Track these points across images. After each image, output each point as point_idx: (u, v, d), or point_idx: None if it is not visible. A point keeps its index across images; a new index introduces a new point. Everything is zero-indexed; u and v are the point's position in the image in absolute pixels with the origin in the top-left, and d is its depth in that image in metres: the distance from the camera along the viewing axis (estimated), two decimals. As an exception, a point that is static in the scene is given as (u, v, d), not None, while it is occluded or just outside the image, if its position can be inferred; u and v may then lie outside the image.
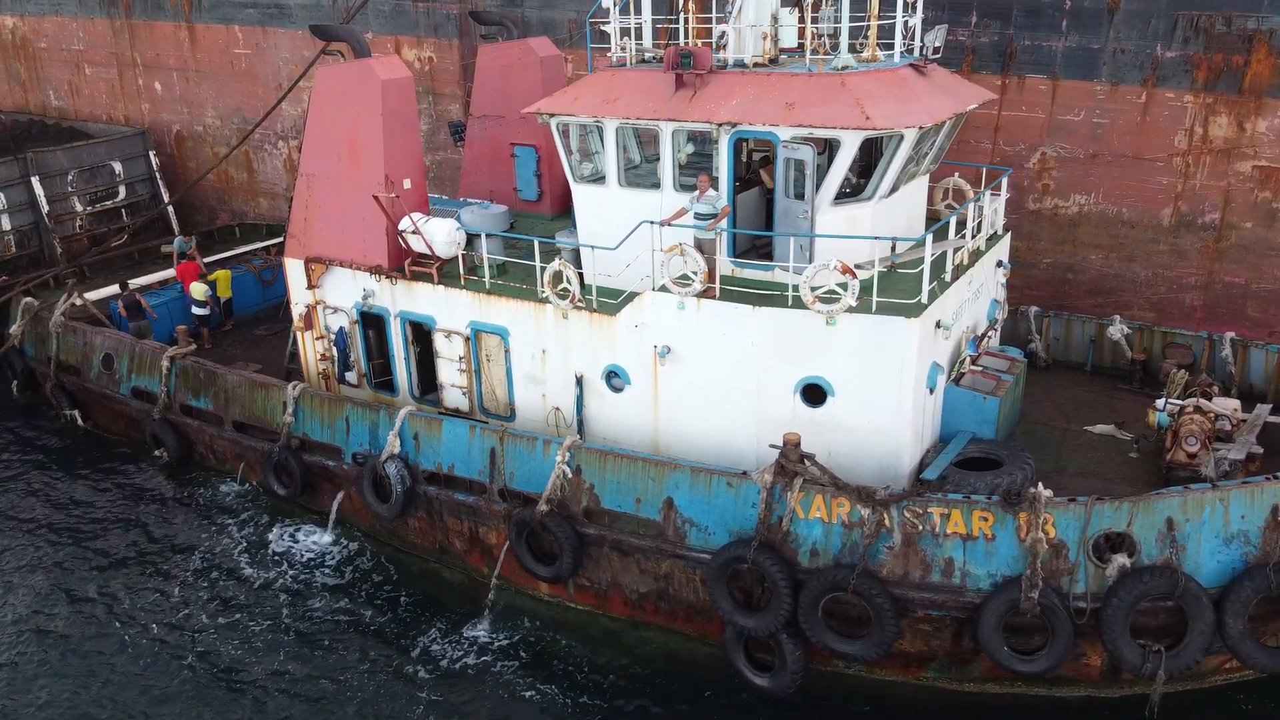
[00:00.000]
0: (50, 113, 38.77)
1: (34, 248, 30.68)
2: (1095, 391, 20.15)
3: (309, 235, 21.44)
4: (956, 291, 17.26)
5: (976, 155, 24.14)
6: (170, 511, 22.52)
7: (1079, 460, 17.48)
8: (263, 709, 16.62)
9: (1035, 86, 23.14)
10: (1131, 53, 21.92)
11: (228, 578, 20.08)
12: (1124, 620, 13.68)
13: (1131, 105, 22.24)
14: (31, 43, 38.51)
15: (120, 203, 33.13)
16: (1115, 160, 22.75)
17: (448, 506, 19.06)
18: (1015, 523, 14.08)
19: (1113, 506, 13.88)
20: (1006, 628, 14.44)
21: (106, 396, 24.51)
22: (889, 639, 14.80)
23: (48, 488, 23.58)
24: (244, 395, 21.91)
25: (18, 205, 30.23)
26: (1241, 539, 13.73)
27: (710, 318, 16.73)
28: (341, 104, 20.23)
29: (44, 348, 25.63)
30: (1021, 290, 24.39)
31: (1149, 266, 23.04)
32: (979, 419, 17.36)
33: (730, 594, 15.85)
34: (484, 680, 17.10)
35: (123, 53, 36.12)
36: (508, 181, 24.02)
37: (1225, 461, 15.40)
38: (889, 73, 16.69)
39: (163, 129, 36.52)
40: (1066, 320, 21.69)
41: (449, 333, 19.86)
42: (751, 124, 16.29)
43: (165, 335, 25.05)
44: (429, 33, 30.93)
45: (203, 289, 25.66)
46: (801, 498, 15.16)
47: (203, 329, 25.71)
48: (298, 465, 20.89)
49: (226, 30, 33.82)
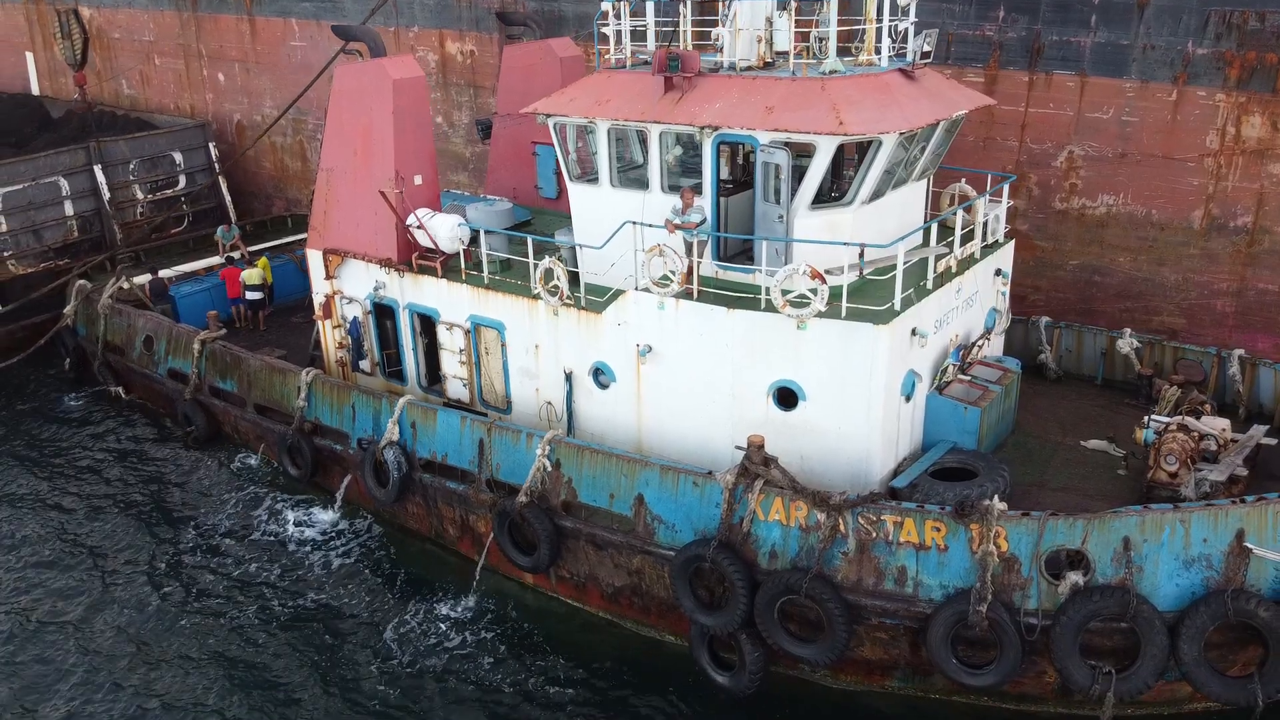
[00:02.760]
0: (122, 101, 40.82)
1: (95, 233, 32.45)
2: (1100, 406, 19.61)
3: (327, 228, 22.29)
4: (939, 299, 17.04)
5: (1003, 154, 23.66)
6: (190, 485, 23.72)
7: (1063, 475, 17.11)
8: (232, 665, 17.78)
9: (1063, 83, 22.53)
10: (1162, 49, 21.18)
11: (233, 548, 21.11)
12: (1073, 639, 13.42)
13: (1161, 104, 21.50)
14: (106, 33, 40.59)
15: (180, 191, 34.77)
16: (1145, 160, 22.02)
17: (441, 494, 19.68)
18: (968, 534, 13.93)
19: (1067, 523, 13.61)
20: (962, 640, 14.32)
21: (146, 376, 25.91)
22: (841, 644, 14.80)
23: (85, 457, 25.07)
24: (264, 379, 22.94)
25: (81, 192, 32.04)
26: (1203, 563, 13.31)
27: (688, 318, 16.91)
28: (356, 102, 20.97)
29: (93, 328, 27.20)
30: (1048, 293, 23.86)
31: (1179, 271, 22.24)
32: (960, 429, 17.13)
33: (693, 591, 16.05)
34: (458, 661, 17.64)
35: (189, 44, 37.83)
36: (530, 179, 24.48)
37: (1206, 483, 14.89)
38: (872, 78, 16.54)
39: (224, 119, 38.15)
40: (1078, 332, 21.13)
41: (451, 325, 20.45)
42: (731, 127, 16.37)
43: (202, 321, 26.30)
44: (471, 26, 31.59)
45: (257, 274, 26.86)
46: (762, 499, 15.26)
47: (259, 312, 26.91)
48: (308, 448, 21.80)
49: (284, 23, 35.10)
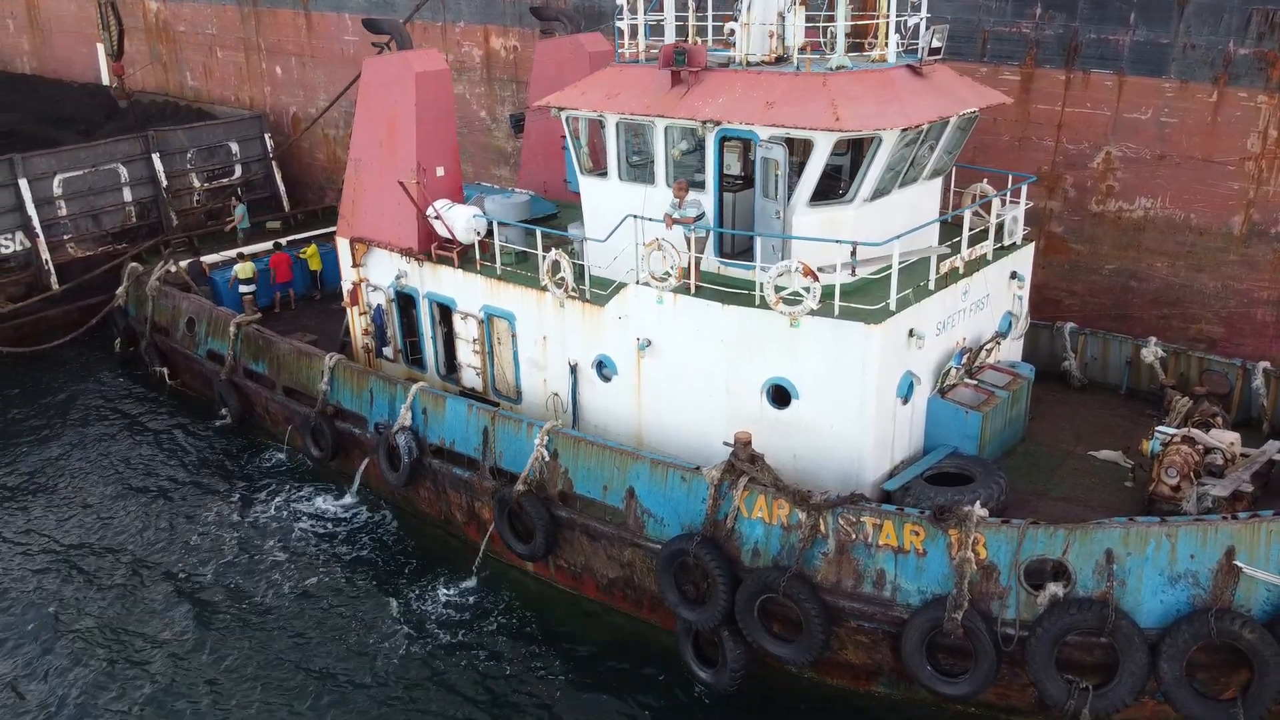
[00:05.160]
0: (186, 93, 42.35)
1: (153, 219, 33.79)
2: (1120, 416, 19.00)
3: (355, 216, 22.86)
4: (942, 300, 16.71)
5: (1038, 154, 23.09)
6: (217, 465, 24.54)
7: (1067, 485, 16.64)
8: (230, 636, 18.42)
9: (1100, 83, 21.88)
10: (1202, 49, 20.43)
11: (247, 527, 21.78)
12: (1048, 652, 13.07)
13: (1201, 104, 20.74)
14: (171, 26, 42.15)
15: (236, 181, 35.97)
16: (1183, 162, 21.28)
17: (449, 480, 20.03)
18: (946, 539, 13.66)
19: (1047, 532, 13.25)
20: (941, 647, 14.06)
21: (187, 357, 26.89)
22: (818, 645, 14.66)
23: (122, 435, 26.10)
24: (292, 363, 23.62)
25: (139, 179, 33.40)
26: (1189, 580, 12.83)
27: (686, 313, 16.91)
28: (381, 93, 21.44)
29: (142, 309, 28.33)
30: (1083, 298, 23.24)
31: (1218, 278, 21.43)
32: (961, 434, 16.79)
33: (678, 586, 16.07)
34: (453, 647, 17.94)
35: (249, 38, 39.06)
36: (560, 172, 24.64)
37: (1208, 497, 14.32)
38: (876, 73, 16.29)
39: (281, 111, 39.29)
40: (1103, 339, 20.50)
41: (466, 315, 20.79)
42: (731, 122, 16.31)
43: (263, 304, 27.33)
44: (514, 22, 31.99)
45: (250, 268, 27.62)
46: (746, 496, 15.19)
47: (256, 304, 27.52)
48: (330, 431, 22.39)
49: (338, 18, 36.00)
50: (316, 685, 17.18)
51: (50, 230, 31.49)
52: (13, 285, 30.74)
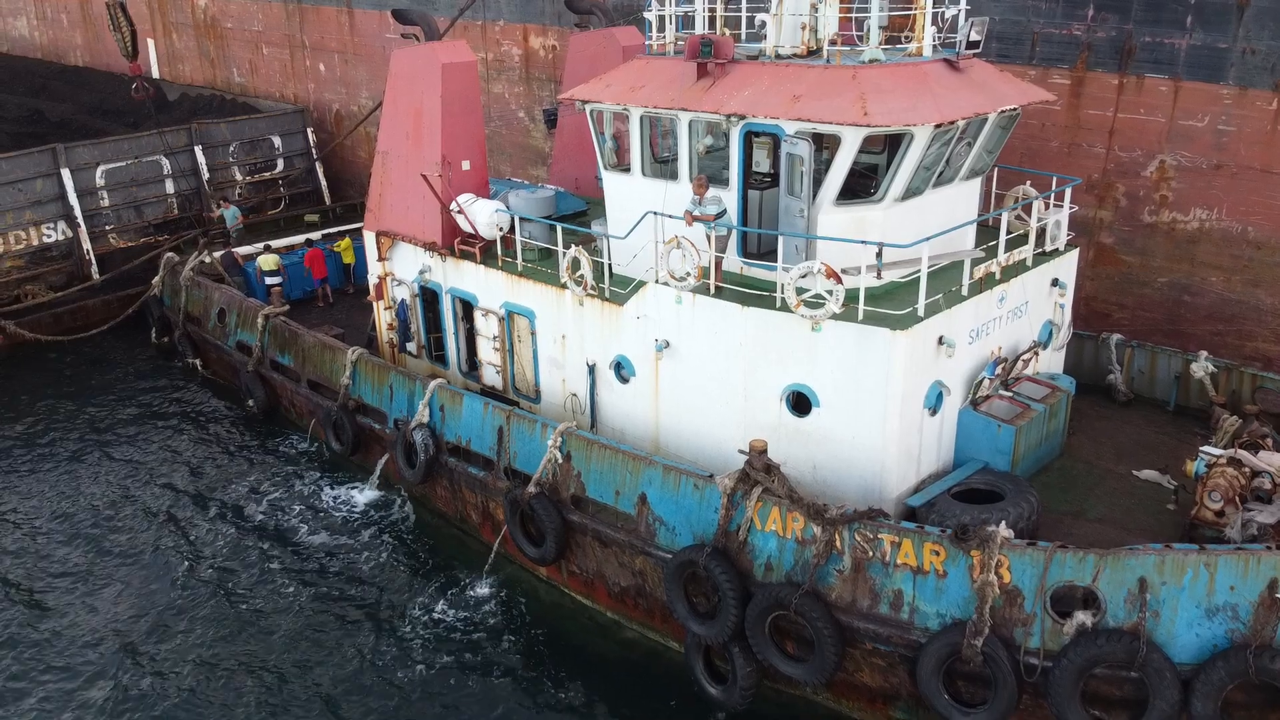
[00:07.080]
0: (233, 89, 42.76)
1: (194, 211, 34.05)
2: (1166, 434, 17.96)
3: (381, 209, 22.64)
4: (976, 307, 15.89)
5: (1088, 160, 22.09)
6: (241, 456, 24.48)
7: (1105, 506, 15.70)
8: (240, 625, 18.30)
9: (1155, 88, 20.85)
10: (1262, 54, 19.34)
11: (264, 521, 21.64)
12: (1073, 685, 12.20)
13: (1261, 112, 19.63)
14: (219, 23, 42.61)
15: (278, 174, 36.15)
16: (1241, 172, 20.17)
17: (464, 478, 19.65)
18: (968, 561, 12.87)
19: (1076, 557, 12.38)
20: (959, 675, 13.25)
21: (217, 347, 26.95)
22: (830, 666, 13.93)
23: (149, 422, 26.23)
24: (316, 355, 23.48)
25: (182, 171, 33.67)
26: (1228, 613, 11.88)
27: (705, 314, 16.31)
28: (408, 85, 21.21)
29: (177, 299, 28.48)
30: (1134, 311, 22.20)
31: (1276, 294, 20.28)
32: (993, 448, 15.95)
33: (687, 598, 15.45)
34: (462, 649, 17.55)
35: (293, 35, 39.30)
36: (592, 168, 24.19)
37: (1253, 524, 13.32)
38: (909, 67, 15.53)
39: (324, 108, 39.46)
40: (1151, 352, 19.44)
41: (487, 311, 20.42)
42: (756, 116, 15.68)
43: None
44: (553, 20, 31.67)
45: (274, 260, 27.64)
46: (759, 508, 14.53)
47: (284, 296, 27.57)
48: (350, 425, 22.18)
49: (380, 15, 36.02)
50: (317, 684, 16.88)
51: (92, 220, 31.86)
52: (54, 274, 31.17)
